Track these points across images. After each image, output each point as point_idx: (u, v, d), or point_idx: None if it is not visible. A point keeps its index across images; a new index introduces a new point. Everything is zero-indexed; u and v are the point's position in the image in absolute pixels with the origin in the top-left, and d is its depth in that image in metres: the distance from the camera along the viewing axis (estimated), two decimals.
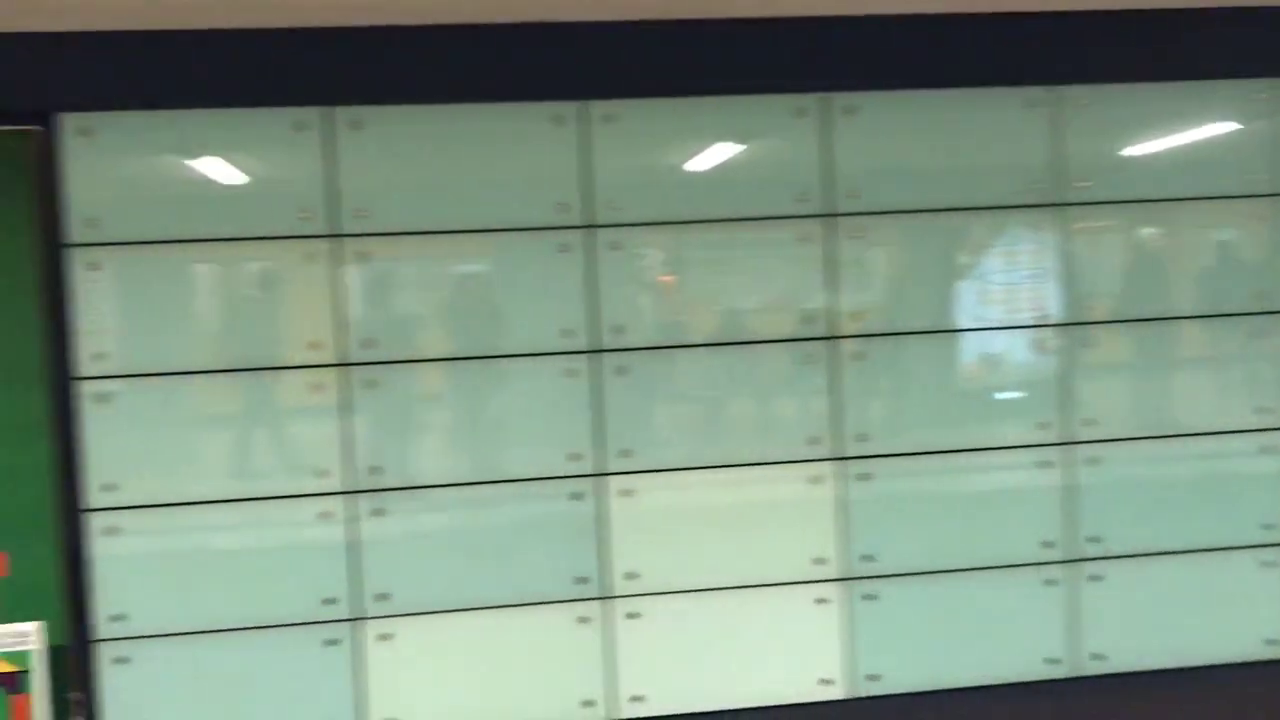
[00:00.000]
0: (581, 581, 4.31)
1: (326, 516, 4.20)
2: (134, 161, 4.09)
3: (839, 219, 4.36)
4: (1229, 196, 4.55)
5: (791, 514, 4.40)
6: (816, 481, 4.40)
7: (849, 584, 4.43)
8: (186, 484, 4.14)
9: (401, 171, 4.19)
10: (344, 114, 4.16)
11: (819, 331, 4.38)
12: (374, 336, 4.21)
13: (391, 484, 4.23)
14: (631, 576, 4.33)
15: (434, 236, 4.23)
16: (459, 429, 4.31)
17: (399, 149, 4.19)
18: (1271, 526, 4.59)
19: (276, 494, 4.20)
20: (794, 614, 4.40)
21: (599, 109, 4.27)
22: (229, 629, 4.16)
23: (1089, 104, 4.46)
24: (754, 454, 4.37)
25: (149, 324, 4.12)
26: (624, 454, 4.31)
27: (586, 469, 4.30)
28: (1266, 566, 4.60)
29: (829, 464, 4.41)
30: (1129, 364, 4.54)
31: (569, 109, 4.26)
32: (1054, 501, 4.49)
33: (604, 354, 4.29)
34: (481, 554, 4.27)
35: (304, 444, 4.23)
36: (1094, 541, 4.51)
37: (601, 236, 4.27)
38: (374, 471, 4.22)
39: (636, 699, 4.36)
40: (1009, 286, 4.44)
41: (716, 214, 4.32)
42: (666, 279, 4.36)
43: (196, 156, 4.12)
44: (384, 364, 4.21)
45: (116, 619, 4.12)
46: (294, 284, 4.20)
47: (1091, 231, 4.49)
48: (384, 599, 4.22)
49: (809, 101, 4.37)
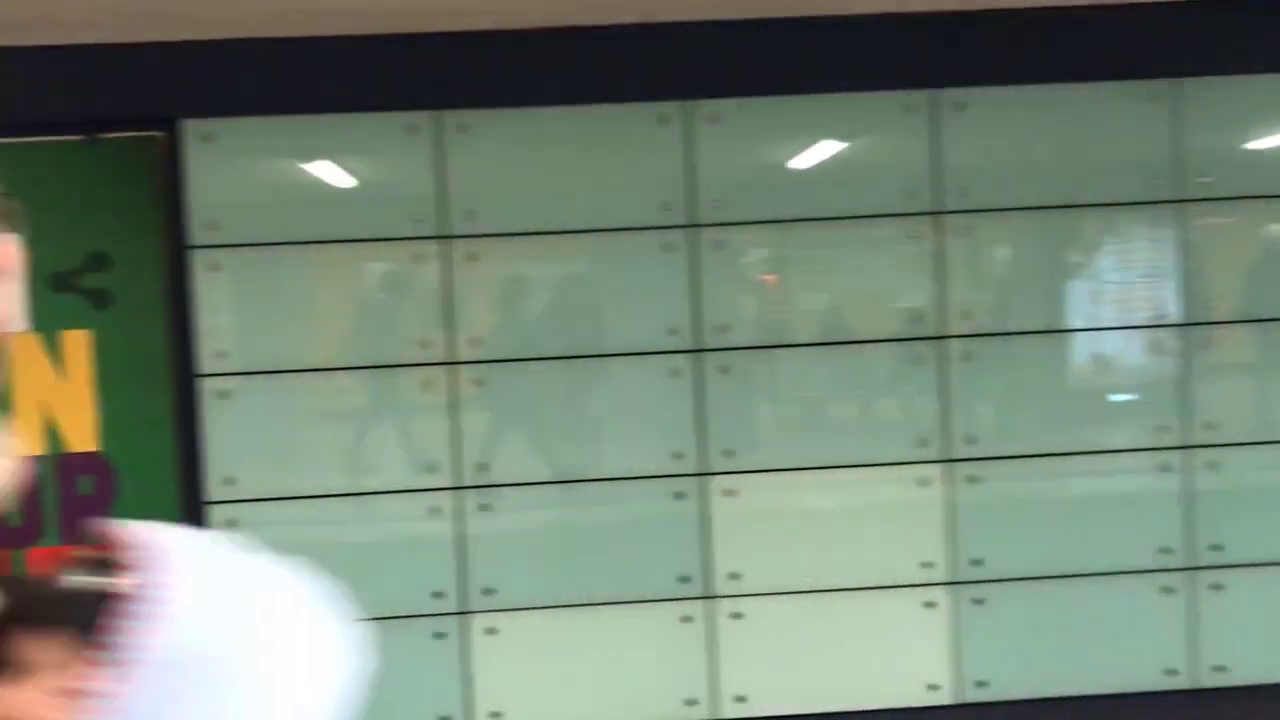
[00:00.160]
0: (684, 581, 4.32)
1: (435, 511, 4.29)
2: (252, 166, 4.23)
3: (947, 217, 4.30)
4: None
5: (898, 516, 4.35)
6: (925, 484, 4.34)
7: (957, 588, 4.36)
8: (301, 478, 4.27)
9: (508, 174, 4.26)
10: (453, 118, 4.24)
11: (927, 331, 4.32)
12: (481, 336, 4.28)
13: (498, 480, 4.30)
14: (734, 577, 4.32)
15: (540, 237, 4.28)
16: (564, 427, 4.36)
17: (506, 152, 4.25)
18: None
19: (388, 489, 4.30)
20: (900, 618, 4.35)
21: (704, 109, 4.28)
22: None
23: (1211, 97, 4.31)
24: (859, 455, 4.33)
25: (266, 323, 4.25)
26: (727, 454, 4.30)
27: (689, 468, 4.31)
28: None
29: (937, 466, 4.34)
30: (1252, 365, 4.38)
31: (674, 109, 4.27)
32: (1172, 507, 4.35)
33: (707, 353, 4.29)
34: (585, 551, 4.31)
35: (415, 440, 4.33)
36: (1215, 549, 4.36)
37: (705, 236, 4.28)
38: (481, 468, 4.29)
39: (739, 699, 4.35)
40: (1124, 285, 4.33)
41: (822, 212, 4.30)
42: (770, 278, 4.35)
43: (312, 160, 4.25)
44: (491, 363, 4.28)
45: None
46: (405, 284, 4.29)
47: (1213, 228, 4.34)
48: (490, 594, 4.29)
49: (918, 98, 4.31)
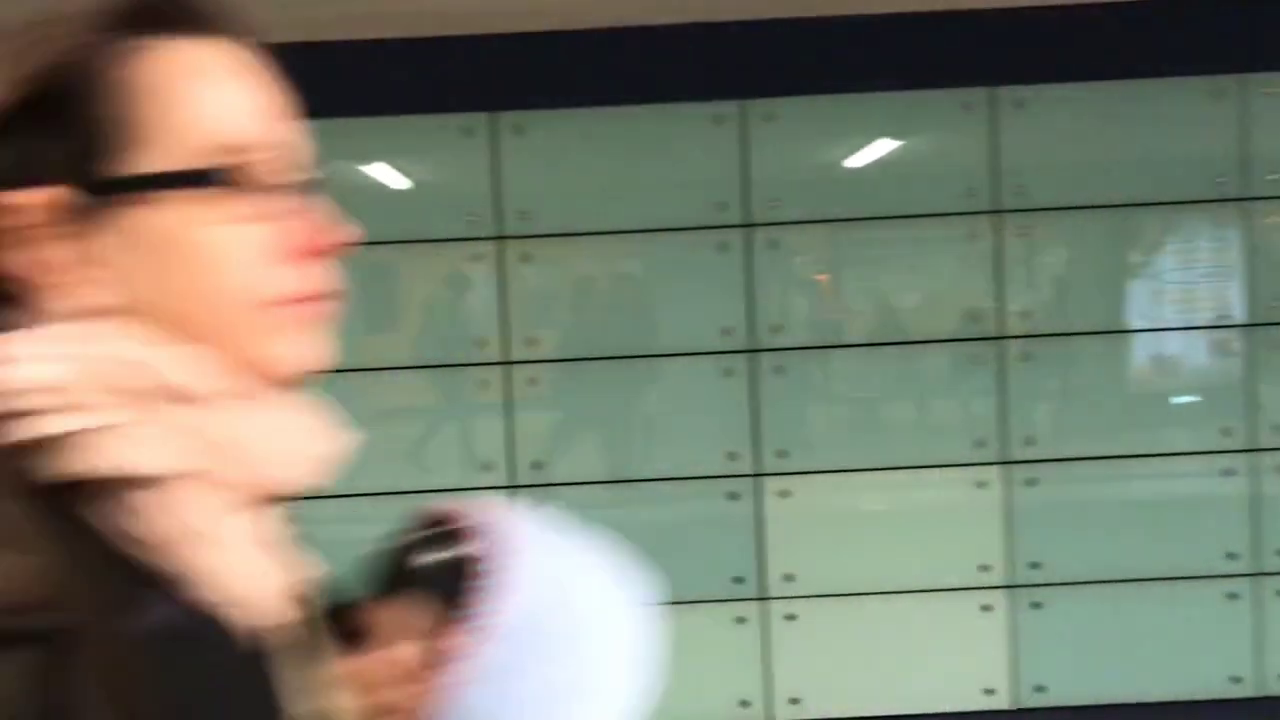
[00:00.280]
0: (738, 581, 4.31)
1: None
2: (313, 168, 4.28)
3: (1006, 215, 4.24)
4: None
5: (954, 518, 4.30)
6: (982, 486, 4.29)
7: (1015, 592, 4.30)
8: (361, 476, 4.31)
9: (563, 174, 4.27)
10: (508, 119, 4.27)
11: (984, 331, 4.27)
12: (535, 335, 4.30)
13: (553, 480, 4.32)
14: (789, 578, 4.31)
15: (595, 237, 4.29)
16: (618, 427, 4.37)
17: (560, 152, 4.27)
18: None
19: (444, 487, 4.34)
20: (956, 621, 4.30)
21: (760, 108, 4.26)
22: None
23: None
24: (915, 456, 4.29)
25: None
26: (781, 454, 4.29)
27: (744, 469, 4.30)
28: None
29: (995, 468, 4.29)
30: None
31: (730, 108, 4.27)
32: (1238, 511, 4.26)
33: (762, 353, 4.28)
34: (638, 552, 4.31)
35: (471, 439, 4.36)
36: None
37: (760, 235, 4.27)
38: (536, 467, 4.31)
39: (794, 701, 4.34)
40: (1186, 285, 4.24)
41: (878, 211, 4.26)
42: (824, 278, 4.33)
43: (369, 162, 4.29)
44: (545, 362, 4.30)
45: None
46: (460, 285, 4.33)
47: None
48: None
49: (976, 95, 4.26)
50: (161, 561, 0.82)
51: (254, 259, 0.89)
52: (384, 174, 4.30)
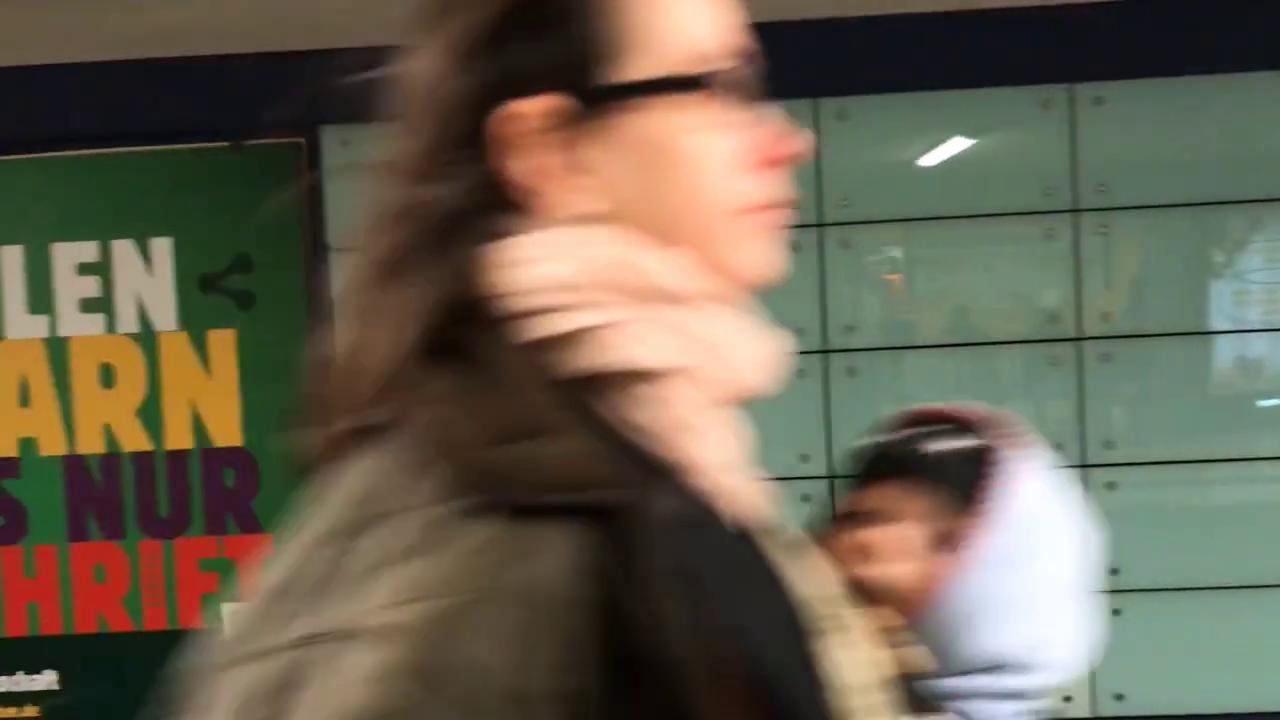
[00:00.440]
0: None
1: None
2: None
3: (1084, 214, 4.17)
4: None
5: None
6: None
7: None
8: None
9: None
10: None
11: (1063, 333, 4.20)
12: None
13: None
14: None
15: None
16: None
17: None
18: None
19: None
20: None
21: (831, 106, 4.23)
22: None
23: None
24: None
25: None
26: None
27: (817, 471, 4.27)
28: None
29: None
30: None
31: (801, 107, 4.24)
32: None
33: (833, 354, 4.25)
34: None
35: None
36: None
37: (832, 234, 4.24)
38: None
39: None
40: (1271, 285, 4.13)
41: (954, 210, 4.21)
42: (897, 277, 4.29)
43: None
44: None
45: None
46: None
47: None
48: None
49: (1055, 92, 4.19)
50: (663, 451, 0.86)
51: (729, 166, 0.93)
52: None
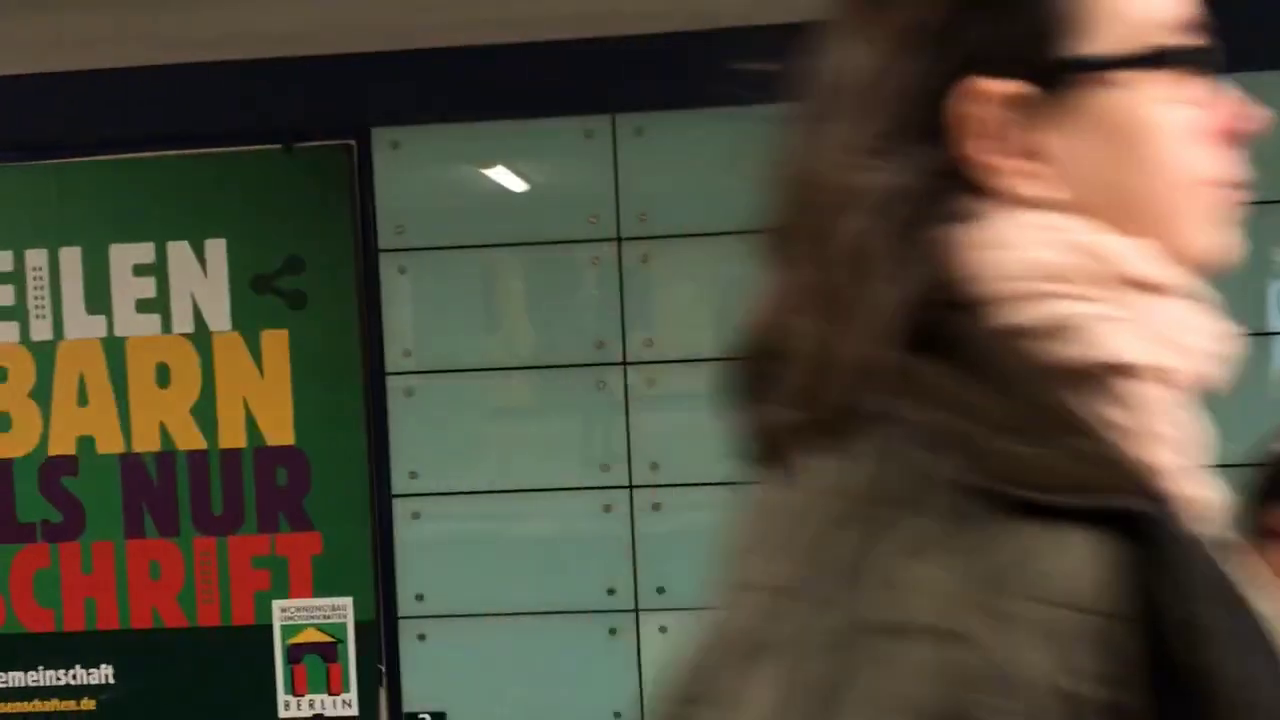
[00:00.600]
0: None
1: (608, 509, 4.34)
2: (435, 171, 4.37)
3: None
4: None
5: None
6: None
7: None
8: (478, 473, 4.39)
9: (682, 175, 4.27)
10: (628, 121, 4.28)
11: None
12: (653, 336, 4.31)
13: (669, 480, 4.32)
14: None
15: (713, 238, 4.27)
16: (735, 429, 4.34)
17: (679, 153, 4.26)
18: None
19: (562, 485, 4.38)
20: None
21: None
22: (519, 613, 4.38)
23: None
24: None
25: (448, 323, 4.39)
26: None
27: None
28: None
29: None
30: None
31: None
32: None
33: None
34: None
35: (589, 439, 4.39)
36: None
37: None
38: (653, 467, 4.32)
39: None
40: None
41: None
42: None
43: (491, 165, 4.36)
44: (661, 363, 4.30)
45: (418, 598, 4.42)
46: (580, 285, 4.36)
47: None
48: (662, 593, 4.32)
49: None
50: (1138, 453, 0.81)
51: (1190, 144, 0.88)
52: (505, 177, 4.36)
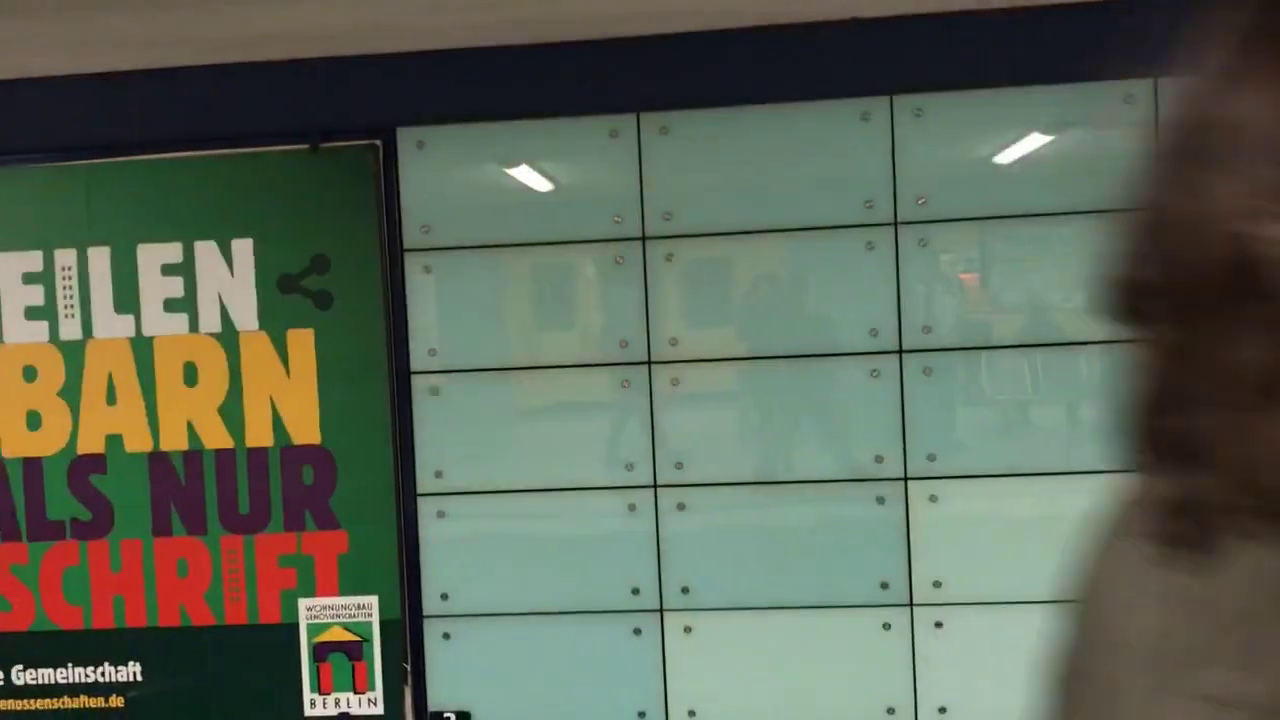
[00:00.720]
0: (884, 587, 4.23)
1: (633, 509, 4.34)
2: (460, 171, 4.38)
3: None
4: None
5: None
6: None
7: None
8: (503, 472, 4.39)
9: (708, 174, 4.26)
10: (653, 120, 4.27)
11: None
12: (678, 335, 4.30)
13: (695, 480, 4.31)
14: (937, 585, 4.21)
15: (740, 237, 4.27)
16: (761, 428, 4.33)
17: (705, 152, 4.25)
18: None
19: (587, 485, 4.38)
20: None
21: (908, 103, 4.18)
22: (544, 612, 4.38)
23: None
24: (1067, 462, 4.14)
25: (473, 323, 4.39)
26: (930, 458, 4.19)
27: (892, 473, 4.22)
28: None
29: None
30: None
31: (877, 104, 4.19)
32: None
33: (908, 354, 4.19)
34: (782, 553, 4.27)
35: (613, 438, 4.39)
36: None
37: (908, 233, 4.18)
38: (678, 467, 4.32)
39: (942, 710, 4.24)
40: None
41: (1029, 209, 4.13)
42: (971, 277, 4.21)
43: (515, 165, 4.36)
44: (685, 362, 4.29)
45: (443, 597, 4.42)
46: (605, 285, 4.36)
47: None
48: (686, 592, 4.31)
49: (1137, 88, 4.09)
50: None
51: None
52: (530, 177, 4.37)
